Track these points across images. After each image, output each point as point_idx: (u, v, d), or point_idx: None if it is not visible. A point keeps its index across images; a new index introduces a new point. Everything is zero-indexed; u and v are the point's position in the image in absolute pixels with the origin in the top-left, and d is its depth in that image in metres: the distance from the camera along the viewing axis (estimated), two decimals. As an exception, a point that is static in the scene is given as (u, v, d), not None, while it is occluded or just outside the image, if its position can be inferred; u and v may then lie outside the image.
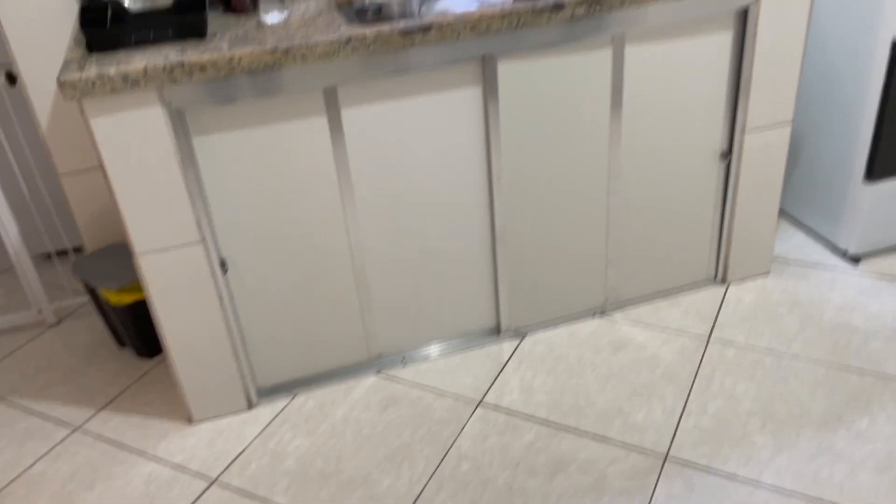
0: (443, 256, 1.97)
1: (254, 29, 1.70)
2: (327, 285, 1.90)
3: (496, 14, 1.64)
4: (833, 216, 2.29)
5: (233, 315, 1.84)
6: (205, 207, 1.70)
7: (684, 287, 2.22)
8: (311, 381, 2.01)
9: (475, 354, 2.07)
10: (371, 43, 1.59)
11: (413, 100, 1.73)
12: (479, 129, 1.82)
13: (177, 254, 1.70)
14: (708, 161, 2.05)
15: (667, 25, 1.82)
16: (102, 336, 2.30)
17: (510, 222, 1.96)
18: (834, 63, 2.15)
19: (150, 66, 1.49)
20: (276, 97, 1.64)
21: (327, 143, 1.72)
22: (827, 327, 2.03)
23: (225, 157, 1.67)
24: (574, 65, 1.80)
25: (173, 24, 1.65)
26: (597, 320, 2.15)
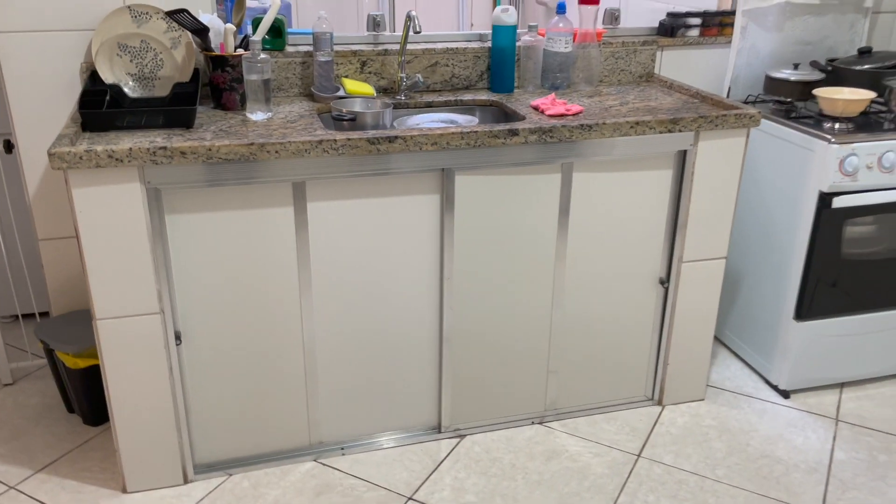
0: (391, 352, 2.06)
1: (238, 124, 1.87)
2: (276, 369, 1.98)
3: (456, 133, 1.83)
4: (766, 351, 2.42)
5: (180, 388, 1.91)
6: (168, 281, 1.80)
7: (622, 403, 2.31)
8: (249, 460, 2.04)
9: (414, 450, 2.12)
10: (340, 147, 1.76)
11: (375, 201, 1.89)
12: (434, 234, 1.96)
13: (134, 322, 1.79)
14: (647, 285, 2.20)
15: (613, 160, 2.01)
16: (54, 400, 2.33)
17: (458, 325, 2.07)
18: (769, 208, 2.34)
19: (135, 148, 1.64)
20: (248, 186, 1.78)
21: (291, 232, 1.85)
22: (752, 455, 2.11)
23: (194, 235, 1.79)
24: (526, 184, 1.97)
25: (165, 113, 1.82)
26: (535, 427, 2.22)
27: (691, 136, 2.02)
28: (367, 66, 2.25)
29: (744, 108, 2.05)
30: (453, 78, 2.33)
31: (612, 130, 1.94)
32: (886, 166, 2.12)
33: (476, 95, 2.27)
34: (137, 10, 1.98)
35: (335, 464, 2.07)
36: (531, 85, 2.35)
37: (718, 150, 2.06)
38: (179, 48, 2.01)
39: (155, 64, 2.01)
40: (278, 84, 2.19)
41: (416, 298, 2.02)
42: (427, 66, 2.29)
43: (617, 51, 2.44)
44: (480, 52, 2.32)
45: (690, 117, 1.99)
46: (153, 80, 2.01)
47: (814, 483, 2.01)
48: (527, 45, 2.31)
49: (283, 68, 2.18)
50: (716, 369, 2.52)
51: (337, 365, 2.03)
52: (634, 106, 2.14)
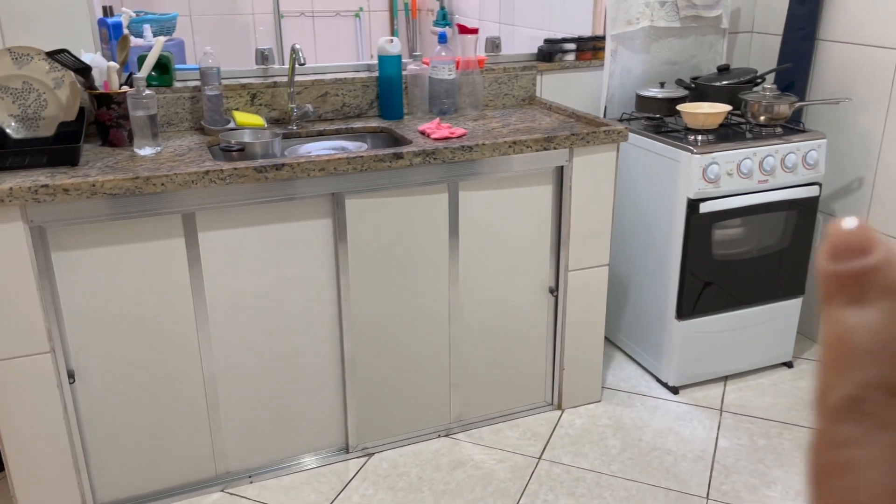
0: (294, 377, 2.09)
1: (126, 160, 1.89)
2: (177, 402, 1.98)
3: (343, 158, 1.90)
4: (655, 351, 2.58)
5: (76, 428, 1.89)
6: (57, 319, 1.80)
7: (524, 410, 2.41)
8: (154, 496, 2.03)
9: (322, 472, 2.15)
10: (227, 176, 1.80)
11: (268, 227, 1.93)
12: (329, 258, 2.02)
13: (24, 362, 1.77)
14: (538, 295, 2.31)
15: (496, 178, 2.13)
16: None
17: (359, 346, 2.13)
18: (646, 216, 2.51)
19: (15, 187, 1.64)
20: (137, 220, 1.80)
21: (184, 264, 1.88)
22: (644, 449, 2.24)
23: (83, 272, 1.80)
24: (415, 204, 2.06)
25: (49, 153, 1.83)
26: (441, 440, 2.29)
27: (566, 152, 2.16)
28: (257, 98, 2.30)
29: (612, 124, 2.21)
30: (344, 107, 2.41)
31: (492, 150, 2.06)
32: (745, 172, 2.31)
33: (367, 123, 2.36)
34: (18, 53, 1.98)
35: (243, 492, 2.07)
36: (419, 111, 2.45)
37: (592, 165, 2.20)
38: (63, 88, 2.02)
39: (38, 104, 2.01)
40: (168, 119, 2.21)
41: (316, 322, 2.07)
42: (317, 97, 2.37)
43: (499, 76, 2.57)
44: (369, 81, 2.42)
45: (564, 135, 2.13)
46: (37, 121, 2.01)
47: (700, 470, 2.15)
48: (413, 73, 2.42)
49: (172, 103, 2.21)
50: (612, 371, 2.65)
51: (239, 394, 2.05)
52: (515, 127, 2.27)
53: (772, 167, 2.34)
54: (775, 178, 2.37)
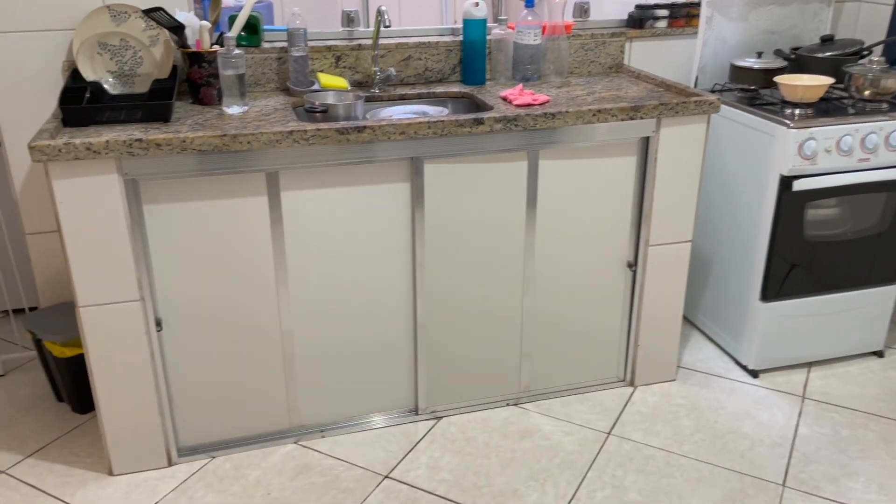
0: (368, 337, 2.13)
1: (215, 118, 1.94)
2: (255, 354, 2.05)
3: (423, 122, 1.90)
4: (735, 332, 2.49)
5: (162, 374, 1.98)
6: (147, 269, 1.87)
7: (594, 385, 2.38)
8: (231, 443, 2.11)
9: (391, 431, 2.19)
10: (310, 136, 1.82)
11: (348, 189, 1.96)
12: (406, 222, 2.03)
13: (116, 309, 1.86)
14: (616, 269, 2.26)
15: (577, 147, 2.08)
16: (44, 390, 2.40)
17: (431, 310, 2.14)
18: (734, 192, 2.41)
19: (112, 140, 1.71)
20: (223, 176, 1.85)
21: (266, 221, 1.92)
22: (719, 432, 2.18)
23: (172, 225, 1.86)
24: (493, 171, 2.04)
25: (143, 108, 1.89)
26: (510, 409, 2.29)
27: (653, 122, 2.09)
28: (341, 60, 2.32)
29: (704, 95, 2.12)
30: (426, 71, 2.40)
31: (575, 118, 2.01)
32: (845, 150, 2.18)
33: (448, 88, 2.34)
34: (116, 10, 2.05)
35: (315, 445, 2.14)
36: (502, 77, 2.41)
37: (680, 137, 2.12)
38: (158, 45, 2.08)
39: (134, 61, 2.08)
40: (255, 79, 2.25)
41: (390, 284, 2.09)
42: (400, 60, 2.36)
43: (586, 42, 2.50)
44: (452, 45, 2.39)
45: (651, 105, 2.06)
46: (133, 77, 2.08)
47: (777, 457, 2.08)
48: (497, 38, 2.38)
49: (260, 64, 2.25)
50: (689, 351, 2.59)
51: (315, 350, 2.10)
52: (601, 95, 2.21)
53: (874, 145, 2.20)
54: (877, 157, 2.23)
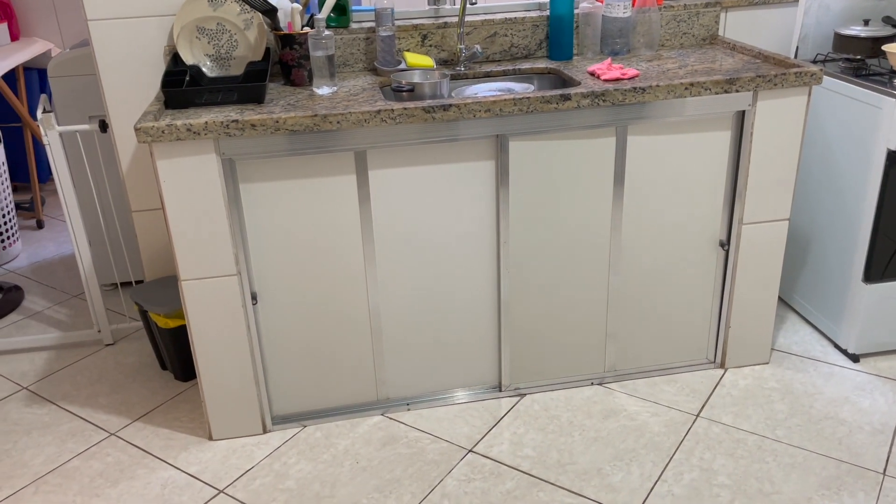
0: (452, 313, 2.16)
1: (305, 98, 1.99)
2: (344, 328, 2.11)
3: (509, 100, 1.89)
4: (835, 315, 2.38)
5: (258, 345, 2.07)
6: (243, 245, 1.96)
7: (683, 366, 2.33)
8: (321, 413, 2.19)
9: (475, 407, 2.22)
10: (397, 116, 1.85)
11: (434, 167, 1.98)
12: (490, 200, 2.04)
13: (215, 283, 1.95)
14: (707, 248, 2.20)
15: (668, 122, 2.03)
16: (149, 359, 2.55)
17: (515, 288, 2.14)
18: (835, 168, 2.29)
19: (210, 122, 1.78)
20: (314, 156, 1.91)
21: (354, 199, 1.97)
22: (815, 417, 2.10)
23: (266, 202, 1.94)
24: (580, 148, 2.02)
25: (238, 90, 1.96)
26: (594, 388, 2.28)
27: (749, 96, 2.01)
28: (427, 39, 2.33)
29: (805, 66, 2.02)
30: (512, 47, 2.38)
31: (666, 92, 1.96)
32: (962, 122, 2.04)
33: (534, 64, 2.32)
34: (213, -5, 2.13)
35: (401, 418, 2.19)
36: (590, 51, 2.37)
37: (779, 110, 2.03)
38: (252, 29, 2.15)
39: (230, 45, 2.15)
40: (344, 60, 2.30)
41: (475, 262, 2.10)
42: (486, 37, 2.35)
43: (678, 14, 2.42)
44: (539, 20, 2.36)
45: (748, 77, 1.97)
46: (229, 60, 2.16)
47: (878, 444, 1.99)
48: (585, 11, 2.33)
49: (348, 44, 2.29)
50: (784, 333, 2.49)
51: (401, 325, 2.14)
52: (693, 68, 2.14)
53: None
54: None
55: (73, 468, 2.05)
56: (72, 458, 2.09)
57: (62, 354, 2.60)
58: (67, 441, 2.16)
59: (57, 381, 2.45)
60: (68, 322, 2.82)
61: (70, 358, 2.58)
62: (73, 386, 2.42)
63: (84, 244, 2.50)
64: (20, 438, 2.18)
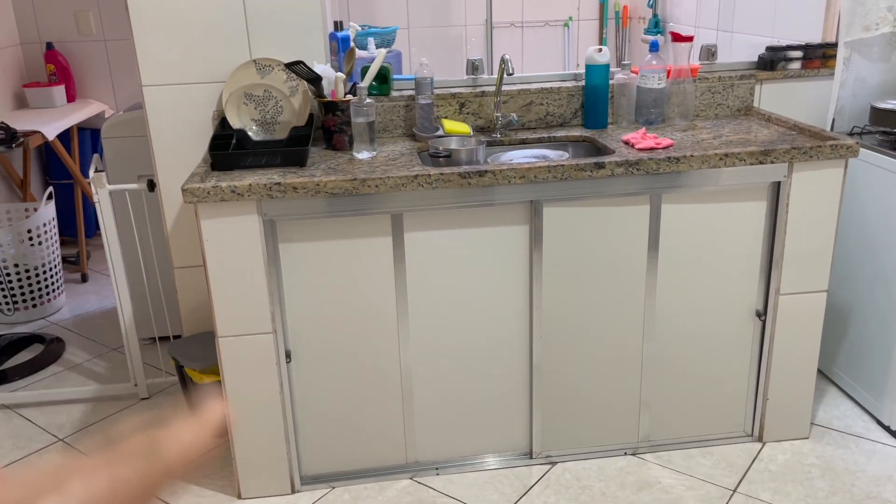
0: (484, 377, 2.15)
1: (346, 162, 2.06)
2: (376, 389, 2.12)
3: (543, 167, 1.92)
4: (877, 389, 2.32)
5: (290, 404, 2.08)
6: (280, 303, 1.99)
7: (719, 438, 2.28)
8: (350, 475, 2.18)
9: (505, 473, 2.19)
10: (434, 181, 1.89)
11: (468, 231, 2.01)
12: (524, 264, 2.06)
13: (251, 340, 1.98)
14: (743, 318, 2.18)
15: (703, 191, 2.04)
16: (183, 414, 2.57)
17: (548, 353, 2.14)
18: (874, 239, 2.27)
19: (254, 184, 1.85)
20: (352, 218, 1.95)
21: (390, 261, 2.00)
22: (857, 496, 2.03)
23: (304, 262, 1.98)
24: (614, 215, 2.03)
25: (282, 154, 2.03)
26: (627, 458, 2.23)
27: (785, 167, 2.02)
28: (465, 107, 2.39)
29: (841, 138, 2.03)
30: (548, 116, 2.43)
31: (701, 162, 1.97)
32: None
33: (569, 132, 2.36)
34: (262, 63, 2.23)
35: (430, 483, 2.16)
36: (625, 121, 2.41)
37: (815, 182, 2.04)
38: (297, 95, 2.23)
39: (275, 110, 2.24)
40: (383, 126, 2.37)
41: (507, 326, 2.11)
42: (522, 106, 2.41)
43: (713, 85, 2.46)
44: (574, 90, 2.42)
45: (783, 149, 1.99)
46: (273, 125, 2.25)
47: (926, 529, 1.91)
48: (620, 82, 2.38)
49: (388, 111, 2.36)
50: (824, 408, 2.43)
51: (432, 388, 2.14)
52: (728, 139, 2.16)
53: None
54: None
55: (103, 522, 2.06)
56: (102, 512, 2.10)
57: (99, 407, 2.64)
58: (99, 494, 2.17)
59: (92, 434, 2.48)
60: (106, 375, 2.87)
61: (106, 410, 2.62)
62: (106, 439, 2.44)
63: (126, 299, 2.57)
64: (53, 490, 2.20)
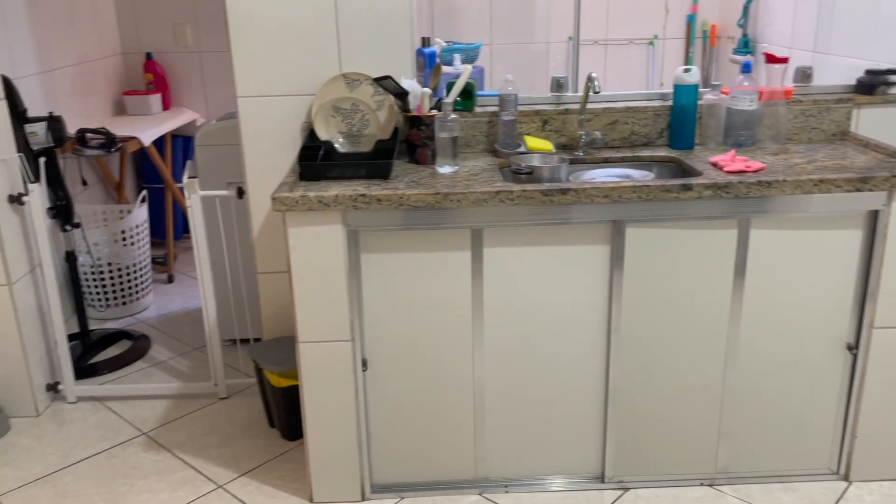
0: (557, 397, 2.13)
1: (428, 176, 2.08)
2: (448, 402, 2.13)
3: (628, 187, 1.90)
4: (979, 433, 2.17)
5: (364, 412, 2.11)
6: (359, 312, 2.03)
7: (802, 475, 2.18)
8: (419, 486, 2.19)
9: (575, 496, 2.15)
10: (516, 197, 1.90)
11: (548, 249, 2.00)
12: (603, 285, 2.03)
13: (330, 347, 2.02)
14: (833, 350, 2.08)
15: (793, 217, 1.97)
16: (259, 415, 2.65)
17: (625, 377, 2.10)
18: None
19: (339, 194, 1.89)
20: (432, 231, 1.97)
21: (468, 275, 2.01)
22: (955, 547, 1.91)
23: (384, 273, 2.01)
24: (699, 238, 1.99)
25: (367, 166, 2.08)
26: (704, 489, 2.16)
27: (884, 196, 1.93)
28: (548, 124, 2.39)
29: (947, 166, 1.93)
30: (632, 135, 2.40)
31: (793, 188, 1.91)
32: None
33: (654, 152, 2.33)
34: (350, 77, 2.28)
35: (498, 499, 2.15)
36: (713, 142, 2.36)
37: (916, 211, 1.94)
38: (383, 109, 2.28)
39: (362, 123, 2.29)
40: (466, 141, 2.39)
41: (584, 346, 2.08)
42: (607, 124, 2.39)
43: (807, 108, 2.38)
44: (661, 110, 2.38)
45: (883, 176, 1.90)
46: (359, 138, 2.30)
47: None
48: (709, 103, 2.33)
49: (472, 127, 2.38)
50: (918, 450, 2.29)
51: (504, 405, 2.13)
52: (822, 164, 2.08)
53: None
54: None
55: (182, 516, 2.14)
56: (181, 506, 2.18)
57: (180, 404, 2.74)
58: (178, 489, 2.26)
59: (173, 430, 2.57)
60: (188, 373, 2.98)
61: (187, 408, 2.71)
62: (188, 436, 2.54)
63: (211, 300, 2.66)
64: (136, 482, 2.29)
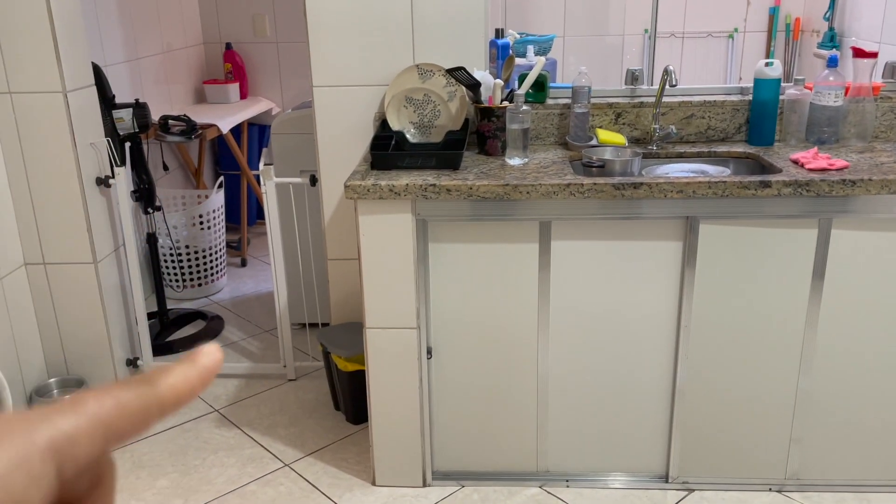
0: (623, 394, 2.11)
1: (497, 168, 2.09)
2: (512, 394, 2.13)
3: (703, 182, 1.86)
4: None
5: (427, 399, 2.14)
6: (426, 300, 2.05)
7: (877, 486, 2.10)
8: (480, 476, 2.21)
9: (637, 495, 2.13)
10: (586, 190, 1.88)
11: (617, 244, 1.98)
12: (673, 282, 1.99)
13: (396, 334, 2.05)
14: (917, 358, 1.99)
15: (878, 218, 1.89)
16: (325, 398, 2.71)
17: (693, 376, 2.06)
18: None
19: (410, 184, 1.91)
20: (501, 222, 1.98)
21: (535, 267, 2.01)
22: None
23: (451, 262, 2.03)
24: (777, 237, 1.93)
25: (437, 156, 2.09)
26: (772, 495, 2.11)
27: (979, 196, 1.83)
28: (621, 117, 2.36)
29: None
30: (708, 130, 2.35)
31: (880, 187, 1.83)
32: None
33: (731, 147, 2.27)
34: (424, 68, 2.30)
35: (559, 493, 2.15)
36: (793, 139, 2.28)
37: None
38: (454, 100, 2.29)
39: (433, 114, 2.31)
40: (537, 133, 2.38)
41: (651, 343, 2.05)
42: (682, 118, 2.34)
43: (897, 105, 2.28)
44: (740, 104, 2.32)
45: (978, 176, 1.81)
46: (430, 128, 2.32)
47: None
48: (791, 98, 2.26)
49: (543, 119, 2.37)
50: None
51: (568, 399, 2.12)
52: (912, 163, 1.99)
53: None
54: None
55: (250, 492, 2.21)
56: (250, 483, 2.25)
57: (251, 383, 2.83)
58: (247, 465, 2.34)
59: (244, 408, 2.66)
60: (258, 354, 3.07)
61: (257, 388, 2.80)
62: (257, 414, 2.62)
63: (283, 285, 2.74)
64: (208, 456, 2.39)
